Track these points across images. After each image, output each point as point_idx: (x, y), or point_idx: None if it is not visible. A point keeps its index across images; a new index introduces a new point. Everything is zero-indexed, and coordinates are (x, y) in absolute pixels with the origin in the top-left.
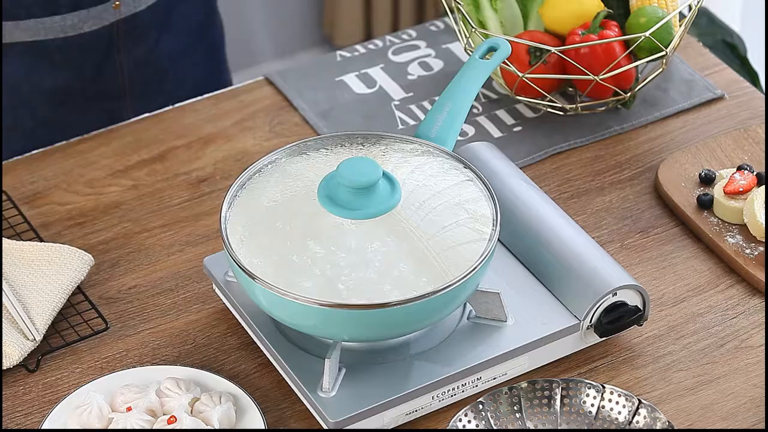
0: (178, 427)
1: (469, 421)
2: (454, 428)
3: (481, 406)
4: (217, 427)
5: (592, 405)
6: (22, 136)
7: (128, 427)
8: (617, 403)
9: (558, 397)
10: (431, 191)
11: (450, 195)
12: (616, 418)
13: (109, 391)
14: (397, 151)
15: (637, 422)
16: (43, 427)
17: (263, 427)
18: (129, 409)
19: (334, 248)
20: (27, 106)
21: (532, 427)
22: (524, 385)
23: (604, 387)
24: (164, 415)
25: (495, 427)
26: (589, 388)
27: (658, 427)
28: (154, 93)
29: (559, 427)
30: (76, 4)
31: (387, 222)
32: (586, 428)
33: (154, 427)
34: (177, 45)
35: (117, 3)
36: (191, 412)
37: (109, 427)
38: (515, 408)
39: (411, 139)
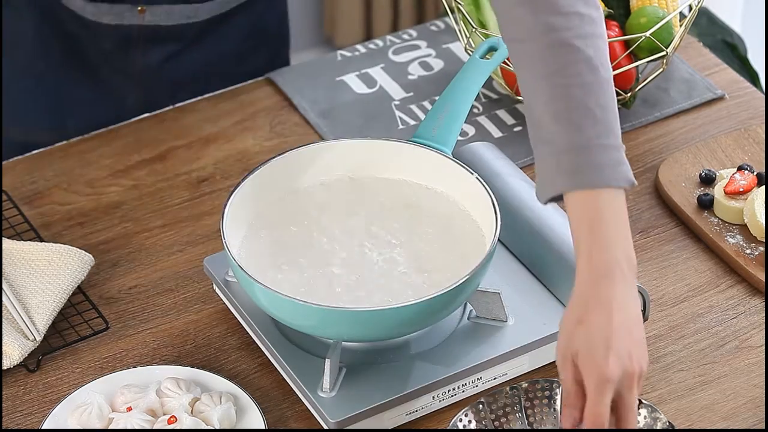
0: (178, 428)
1: (470, 422)
2: (454, 428)
3: (481, 406)
4: (217, 427)
5: None
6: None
7: (128, 428)
8: None
9: (558, 397)
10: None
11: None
12: None
13: (110, 391)
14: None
15: (638, 422)
16: (43, 427)
17: (263, 427)
18: (129, 409)
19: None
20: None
21: (531, 428)
22: (525, 384)
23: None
24: (164, 415)
25: (494, 427)
26: None
27: (658, 428)
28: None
29: (560, 428)
30: None
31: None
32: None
33: (154, 427)
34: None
35: (142, 8)
36: (191, 412)
37: (109, 427)
38: (515, 408)
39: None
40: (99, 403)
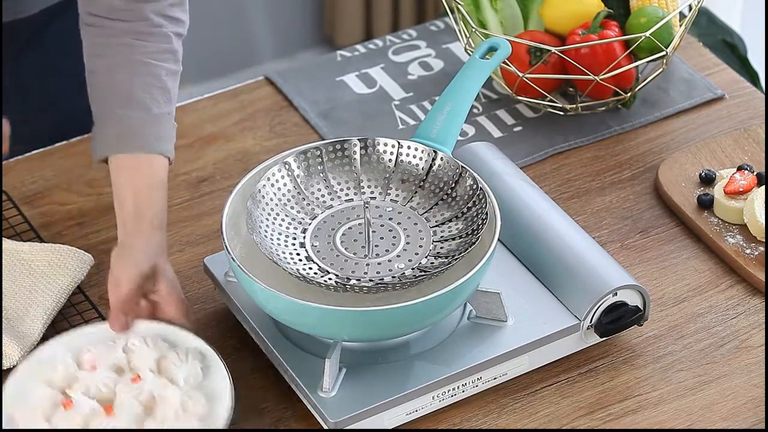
0: (141, 385)
1: (283, 176)
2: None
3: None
4: (181, 384)
5: (392, 154)
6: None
7: (92, 387)
8: (414, 156)
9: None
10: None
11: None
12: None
13: (77, 346)
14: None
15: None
16: (4, 388)
17: (229, 385)
18: (94, 368)
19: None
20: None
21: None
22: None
23: (400, 143)
24: (131, 371)
25: (302, 185)
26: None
27: (454, 172)
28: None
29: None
30: None
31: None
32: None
33: (117, 387)
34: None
35: None
36: (158, 370)
37: (73, 387)
38: (319, 168)
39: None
40: (65, 361)
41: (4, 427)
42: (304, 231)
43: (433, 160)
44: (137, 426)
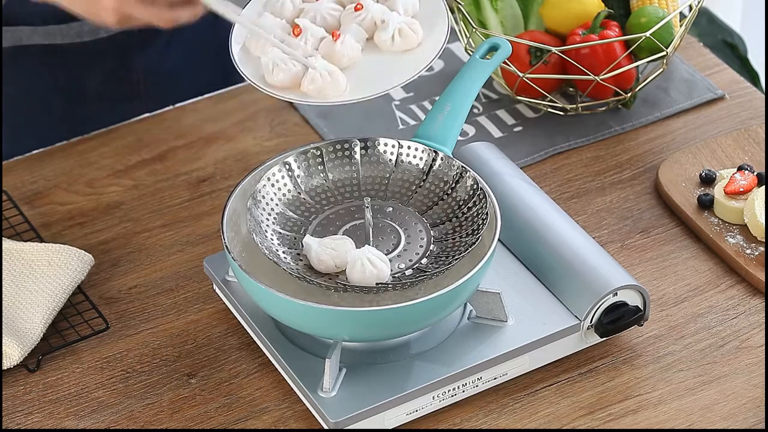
0: (363, 14)
1: (283, 176)
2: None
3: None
4: (401, 12)
5: (392, 154)
6: (37, 136)
7: (318, 17)
8: (414, 156)
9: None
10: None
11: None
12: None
13: None
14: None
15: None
16: (237, 17)
17: (446, 14)
18: None
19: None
20: (43, 106)
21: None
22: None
23: (400, 143)
24: (351, 3)
25: (302, 185)
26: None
27: (454, 172)
28: (167, 95)
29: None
30: None
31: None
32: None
33: (343, 14)
34: (187, 48)
35: None
36: None
37: (299, 17)
38: (319, 168)
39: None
40: None
41: (237, 56)
42: (304, 231)
43: (434, 160)
44: (361, 45)
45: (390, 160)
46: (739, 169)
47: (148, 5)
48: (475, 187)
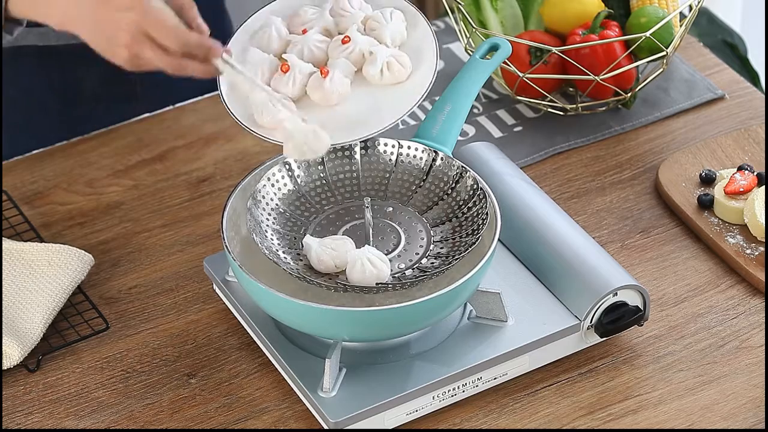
0: (351, 47)
1: (283, 176)
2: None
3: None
4: (389, 44)
5: (392, 154)
6: (36, 137)
7: (305, 50)
8: (414, 156)
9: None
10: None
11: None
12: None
13: (286, 13)
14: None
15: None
16: (229, 50)
17: (433, 41)
18: (305, 31)
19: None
20: (41, 107)
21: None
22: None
23: (400, 143)
24: (339, 35)
25: (302, 185)
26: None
27: (454, 172)
28: (164, 96)
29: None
30: None
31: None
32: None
33: (329, 47)
34: None
35: None
36: (364, 30)
37: (286, 50)
38: (319, 168)
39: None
40: (277, 26)
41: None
42: (304, 231)
43: (434, 160)
44: (350, 80)
45: (390, 160)
46: (739, 169)
47: (161, 52)
48: (475, 187)
